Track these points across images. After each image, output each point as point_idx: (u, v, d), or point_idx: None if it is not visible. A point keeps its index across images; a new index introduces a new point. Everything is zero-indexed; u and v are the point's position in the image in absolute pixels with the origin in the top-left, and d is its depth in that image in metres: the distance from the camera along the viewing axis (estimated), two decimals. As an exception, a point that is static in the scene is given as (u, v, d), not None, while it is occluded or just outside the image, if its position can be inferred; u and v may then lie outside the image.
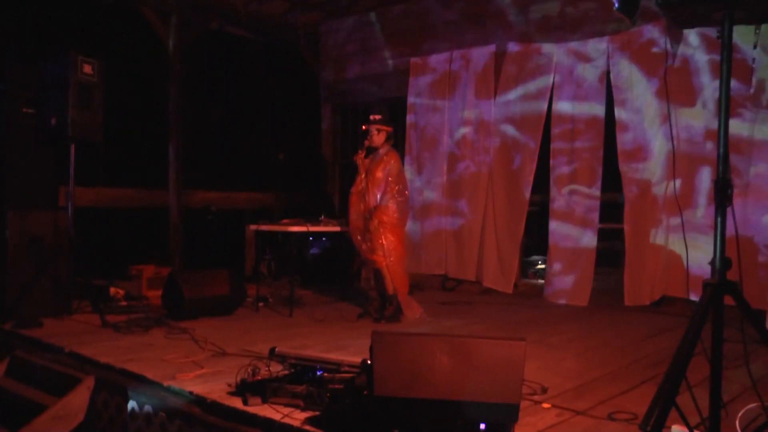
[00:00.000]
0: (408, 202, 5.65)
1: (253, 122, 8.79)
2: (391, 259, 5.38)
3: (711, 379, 2.36)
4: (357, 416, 2.70)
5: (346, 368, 3.04)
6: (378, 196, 5.42)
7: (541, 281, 7.13)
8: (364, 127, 5.61)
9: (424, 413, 2.53)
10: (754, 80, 5.52)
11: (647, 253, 6.05)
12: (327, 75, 8.96)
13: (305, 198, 8.57)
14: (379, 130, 5.49)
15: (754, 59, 5.50)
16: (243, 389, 3.08)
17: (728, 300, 2.34)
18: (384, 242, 5.36)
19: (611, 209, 6.81)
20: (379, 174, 5.44)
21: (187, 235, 7.84)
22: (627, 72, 6.19)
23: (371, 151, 5.57)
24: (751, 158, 5.55)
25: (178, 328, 4.85)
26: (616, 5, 2.83)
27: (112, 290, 6.02)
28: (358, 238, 5.51)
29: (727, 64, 2.43)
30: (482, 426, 2.49)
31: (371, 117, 5.58)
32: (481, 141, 7.18)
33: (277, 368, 3.24)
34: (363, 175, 5.52)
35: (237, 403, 3.03)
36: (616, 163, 6.27)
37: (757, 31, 5.46)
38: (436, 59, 7.60)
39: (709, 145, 5.68)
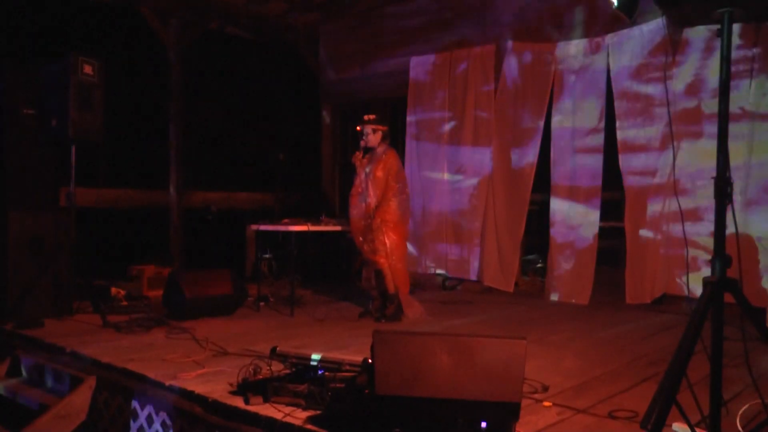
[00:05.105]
0: (408, 200, 5.65)
1: (253, 122, 8.80)
2: (394, 257, 5.38)
3: (711, 377, 2.36)
4: (358, 415, 2.70)
5: (348, 367, 3.04)
6: (379, 196, 5.41)
7: (541, 280, 7.13)
8: (358, 128, 5.61)
9: (426, 412, 2.53)
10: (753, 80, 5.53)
11: (648, 251, 6.06)
12: (326, 75, 8.96)
13: (305, 198, 8.58)
14: (374, 130, 5.48)
15: (754, 57, 5.51)
16: (244, 389, 3.08)
17: (728, 298, 2.34)
18: (387, 241, 5.36)
19: (612, 207, 6.80)
20: (379, 173, 5.43)
21: (187, 235, 7.85)
22: (626, 70, 6.19)
23: (368, 151, 5.57)
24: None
25: (179, 327, 4.86)
26: (616, 4, 2.83)
27: (113, 290, 6.04)
28: (360, 239, 5.51)
29: (727, 63, 2.43)
30: (483, 424, 2.49)
31: (365, 117, 5.57)
32: (482, 140, 7.19)
33: (278, 367, 3.24)
34: (363, 176, 5.52)
35: (238, 402, 3.03)
36: (617, 160, 6.27)
37: (757, 29, 5.46)
38: (436, 58, 7.60)
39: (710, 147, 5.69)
